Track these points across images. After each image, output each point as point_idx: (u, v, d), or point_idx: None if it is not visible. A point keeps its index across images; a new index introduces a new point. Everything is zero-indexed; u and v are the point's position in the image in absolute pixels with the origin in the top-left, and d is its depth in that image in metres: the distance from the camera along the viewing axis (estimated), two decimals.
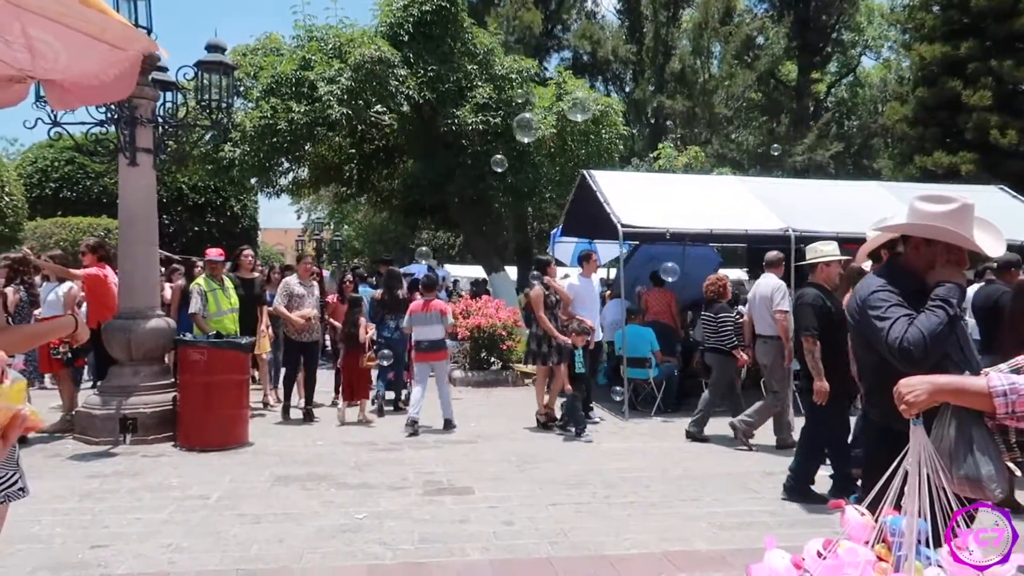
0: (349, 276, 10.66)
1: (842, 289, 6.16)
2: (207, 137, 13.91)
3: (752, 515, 5.27)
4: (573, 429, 7.96)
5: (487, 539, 4.70)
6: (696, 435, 7.78)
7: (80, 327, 2.90)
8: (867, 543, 1.77)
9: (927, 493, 1.78)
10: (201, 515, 5.10)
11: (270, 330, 9.15)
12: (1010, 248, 11.38)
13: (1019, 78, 18.76)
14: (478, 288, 17.70)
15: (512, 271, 20.39)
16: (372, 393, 9.04)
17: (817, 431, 5.81)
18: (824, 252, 6.08)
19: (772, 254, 7.69)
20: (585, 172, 10.72)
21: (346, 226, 41.63)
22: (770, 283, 7.36)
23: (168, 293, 9.68)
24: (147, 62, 6.94)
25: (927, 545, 1.76)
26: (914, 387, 1.99)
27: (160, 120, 8.06)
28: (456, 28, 14.69)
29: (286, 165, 16.39)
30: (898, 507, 1.82)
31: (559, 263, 15.68)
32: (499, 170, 12.30)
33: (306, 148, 15.34)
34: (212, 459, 6.69)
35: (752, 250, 12.95)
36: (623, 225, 9.08)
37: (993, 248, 2.57)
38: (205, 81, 8.10)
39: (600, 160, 15.54)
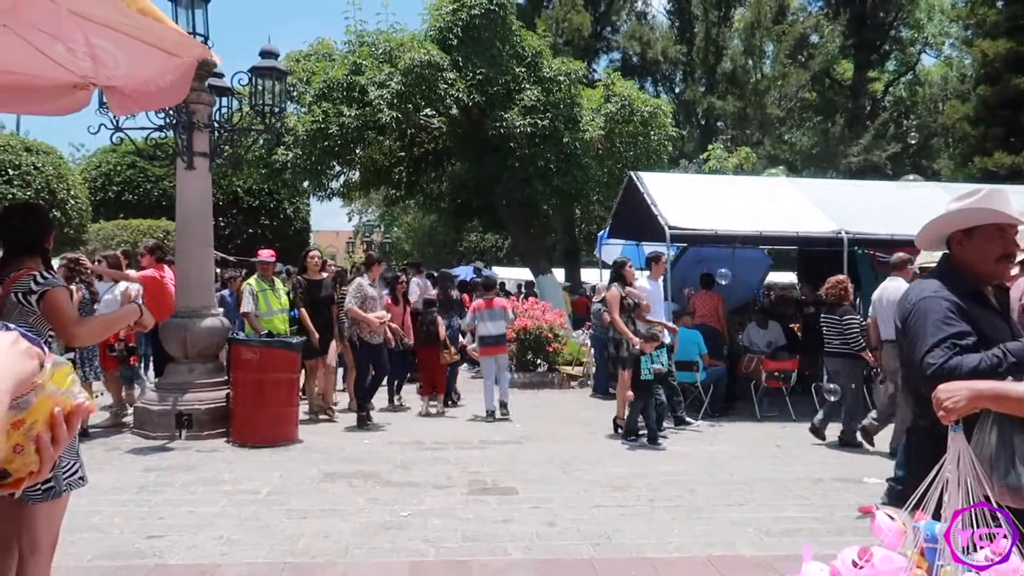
0: (403, 277, 10.49)
1: None
2: (261, 141, 14.24)
3: (799, 521, 5.18)
4: (646, 436, 7.65)
5: (529, 539, 4.72)
6: (818, 432, 7.83)
7: (145, 314, 3.07)
8: (900, 550, 1.74)
9: (967, 501, 1.74)
10: (251, 509, 5.23)
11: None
12: None
13: None
14: (527, 290, 17.75)
15: (559, 273, 20.37)
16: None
17: None
18: (928, 262, 5.91)
19: (898, 256, 7.44)
20: (632, 174, 10.67)
21: (396, 228, 42.14)
22: (899, 287, 7.14)
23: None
24: (203, 68, 7.14)
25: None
26: (953, 393, 1.93)
27: (216, 125, 8.30)
28: (505, 31, 14.78)
29: (337, 168, 16.70)
30: (937, 515, 1.78)
31: (605, 265, 15.65)
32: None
33: (356, 151, 15.61)
34: (263, 455, 6.86)
35: (803, 252, 12.71)
36: (670, 227, 9.02)
37: None
38: (259, 86, 8.31)
39: (649, 162, 15.44)
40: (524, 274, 21.37)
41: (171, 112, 7.78)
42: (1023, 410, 1.89)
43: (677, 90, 33.06)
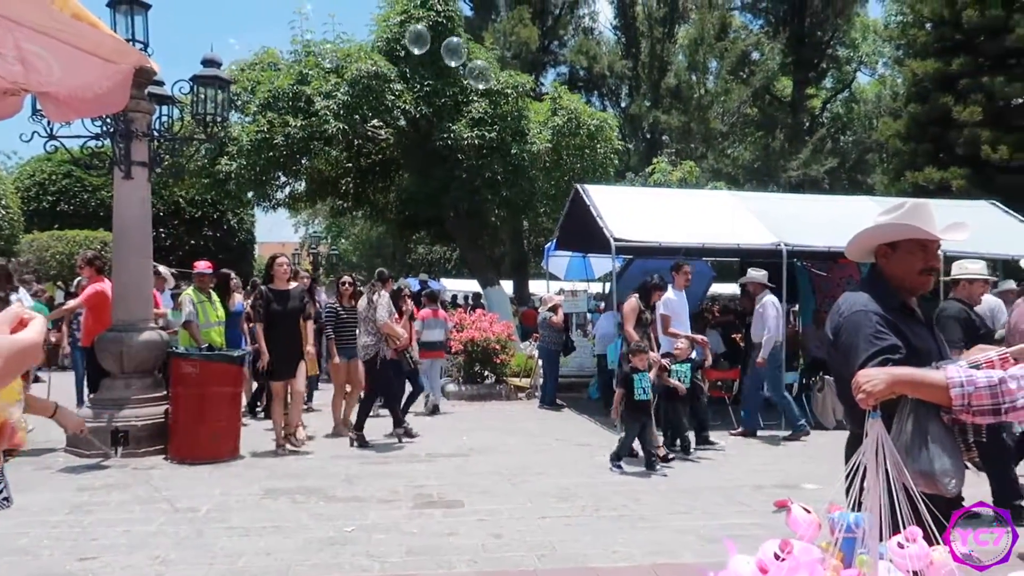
0: (406, 291, 9.58)
1: None
2: (203, 151, 13.99)
3: (741, 528, 5.27)
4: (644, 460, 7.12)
5: (475, 552, 4.70)
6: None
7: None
8: (815, 542, 1.79)
9: (884, 487, 1.80)
10: (190, 528, 5.10)
11: (313, 349, 8.35)
12: (1002, 263, 11.48)
13: (1010, 94, 18.91)
14: (475, 301, 17.73)
15: (507, 285, 20.42)
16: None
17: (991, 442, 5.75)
18: (969, 270, 6.07)
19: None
20: (579, 186, 10.78)
21: (343, 240, 41.70)
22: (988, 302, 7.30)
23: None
24: (142, 76, 6.99)
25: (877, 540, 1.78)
26: (872, 377, 2.00)
27: (156, 134, 8.12)
28: None
29: (283, 179, 16.47)
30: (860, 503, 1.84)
31: (553, 277, 15.73)
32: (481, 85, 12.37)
33: (303, 162, 15.41)
34: (203, 472, 6.69)
35: (745, 264, 13.00)
36: (616, 239, 9.13)
37: (952, 235, 2.58)
38: (201, 95, 8.16)
39: (595, 174, 15.62)
40: (472, 286, 21.37)
41: (108, 120, 7.58)
42: (938, 396, 1.97)
43: (623, 104, 33.57)
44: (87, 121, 7.53)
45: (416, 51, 11.84)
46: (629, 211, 10.05)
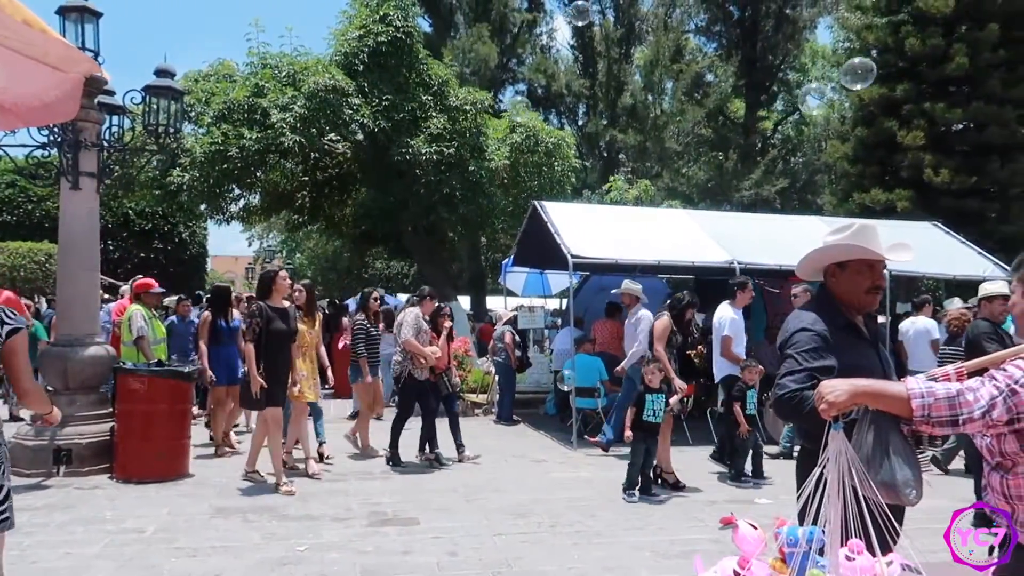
0: (446, 309, 8.86)
1: None
2: (155, 162, 13.72)
3: (695, 543, 5.32)
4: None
5: (430, 570, 4.66)
6: (940, 464, 7.76)
7: None
8: (760, 556, 1.82)
9: (843, 499, 1.84)
10: (135, 549, 4.95)
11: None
12: (942, 281, 11.81)
13: (951, 119, 19.58)
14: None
15: (465, 301, 20.38)
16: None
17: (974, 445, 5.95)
18: (988, 290, 6.27)
19: (922, 298, 7.93)
20: (536, 203, 10.85)
21: (298, 254, 41.19)
22: (925, 324, 7.42)
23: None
24: (92, 85, 6.84)
25: (820, 553, 1.82)
26: (835, 387, 2.04)
27: (105, 144, 7.94)
28: (411, 59, 14.82)
29: (237, 192, 16.22)
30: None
31: (510, 293, 15.76)
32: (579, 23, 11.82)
33: (258, 175, 15.22)
34: (150, 491, 6.51)
35: (700, 282, 13.20)
36: (573, 256, 9.20)
37: (896, 256, 2.68)
38: (153, 105, 8.01)
39: (553, 192, 15.72)
40: None
41: (56, 129, 7.39)
42: (899, 408, 2.00)
43: (580, 122, 33.90)
44: (33, 130, 7.32)
45: (579, 23, 11.01)
46: (586, 228, 10.14)
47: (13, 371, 3.15)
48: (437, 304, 8.38)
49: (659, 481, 7.12)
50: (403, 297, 26.89)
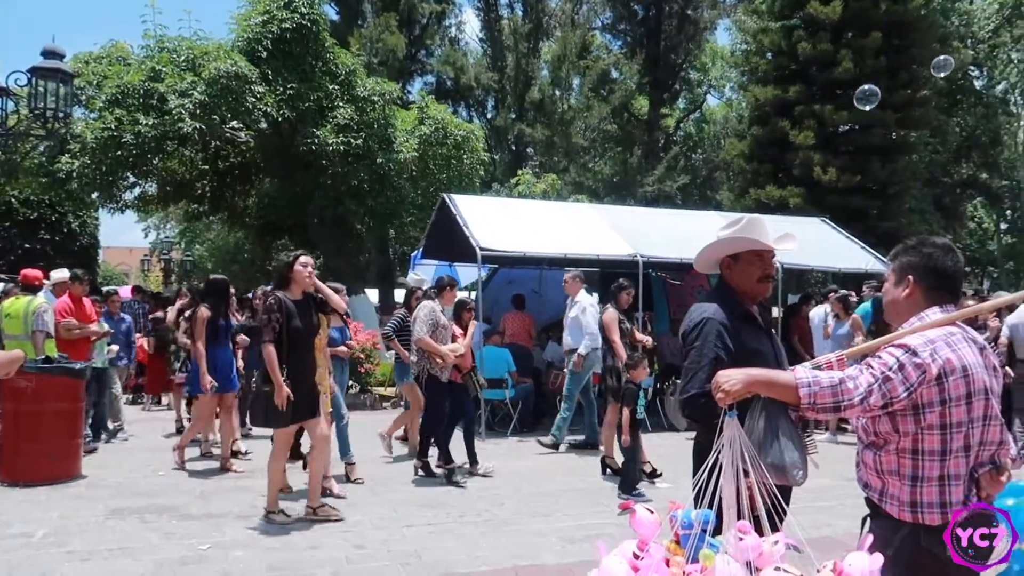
0: (470, 303, 8.13)
1: None
2: (41, 147, 12.99)
3: (600, 528, 5.50)
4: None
5: (338, 564, 4.65)
6: None
7: None
8: (657, 540, 1.95)
9: (733, 481, 1.99)
10: (23, 554, 4.73)
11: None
12: (830, 275, 12.54)
13: (838, 121, 20.75)
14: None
15: (373, 294, 20.18)
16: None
17: None
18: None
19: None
20: (445, 196, 10.88)
21: (198, 245, 39.64)
22: None
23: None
24: None
25: (712, 535, 1.96)
26: (731, 377, 2.20)
27: None
28: (317, 47, 14.55)
29: (132, 180, 15.53)
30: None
31: None
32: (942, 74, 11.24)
33: (154, 162, 14.61)
34: (38, 494, 6.21)
35: (604, 275, 13.54)
36: (482, 248, 9.28)
37: (783, 245, 2.89)
38: (40, 88, 7.61)
39: (461, 184, 15.77)
40: None
41: None
42: (788, 395, 2.18)
43: (489, 116, 34.01)
44: None
45: (865, 107, 10.57)
46: (495, 221, 10.24)
47: None
48: (459, 297, 7.61)
49: (606, 471, 7.24)
50: None
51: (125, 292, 13.82)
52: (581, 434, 8.78)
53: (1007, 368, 8.57)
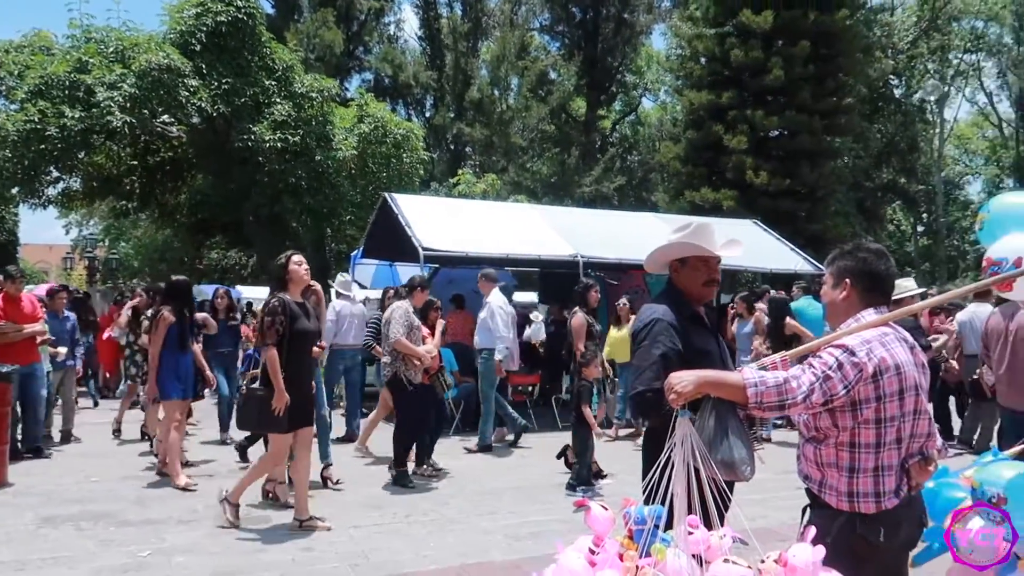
0: (438, 303, 7.92)
1: None
2: None
3: (545, 524, 5.59)
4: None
5: (285, 566, 4.61)
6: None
7: None
8: (611, 535, 2.03)
9: (685, 479, 2.08)
10: None
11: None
12: (760, 275, 12.97)
13: (769, 126, 21.44)
14: None
15: None
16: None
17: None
18: (903, 288, 6.39)
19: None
20: (387, 195, 10.83)
21: (123, 243, 38.28)
22: (985, 310, 7.84)
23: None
24: None
25: (663, 529, 2.05)
26: (683, 379, 2.29)
27: None
28: (254, 42, 14.29)
29: (55, 174, 14.92)
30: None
31: (360, 286, 15.57)
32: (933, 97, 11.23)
33: (80, 157, 14.08)
34: None
35: (544, 274, 13.68)
36: (424, 248, 9.28)
37: (728, 252, 3.03)
38: None
39: (401, 183, 15.70)
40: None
41: None
42: (736, 395, 2.29)
43: (427, 114, 33.90)
44: None
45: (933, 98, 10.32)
46: (436, 221, 10.25)
47: None
48: (429, 298, 7.47)
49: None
50: (242, 289, 25.81)
51: (42, 291, 13.26)
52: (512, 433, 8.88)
53: (952, 362, 8.95)
